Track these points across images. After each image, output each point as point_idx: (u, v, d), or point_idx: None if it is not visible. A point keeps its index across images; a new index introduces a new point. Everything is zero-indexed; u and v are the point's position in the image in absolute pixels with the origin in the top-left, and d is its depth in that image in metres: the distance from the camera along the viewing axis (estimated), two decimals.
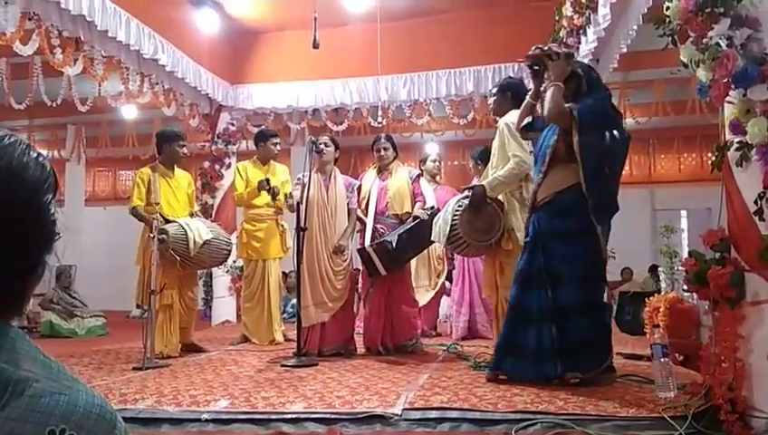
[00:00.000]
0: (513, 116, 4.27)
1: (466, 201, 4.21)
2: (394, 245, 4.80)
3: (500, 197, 4.21)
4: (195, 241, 5.04)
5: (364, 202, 5.31)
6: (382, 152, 5.38)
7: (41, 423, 0.68)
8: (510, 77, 5.30)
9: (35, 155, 0.78)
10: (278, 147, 6.16)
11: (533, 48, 3.79)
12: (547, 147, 3.75)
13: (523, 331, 3.64)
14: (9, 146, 0.76)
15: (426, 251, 5.71)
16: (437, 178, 6.93)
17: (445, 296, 6.92)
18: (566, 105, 3.57)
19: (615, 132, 3.59)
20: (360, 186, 5.36)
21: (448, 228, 4.18)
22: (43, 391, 0.70)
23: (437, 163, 6.88)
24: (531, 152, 4.21)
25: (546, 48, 3.76)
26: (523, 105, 3.94)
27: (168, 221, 5.10)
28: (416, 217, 5.04)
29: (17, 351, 0.74)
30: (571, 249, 3.59)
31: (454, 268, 6.40)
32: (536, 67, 3.86)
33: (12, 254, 0.75)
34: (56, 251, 0.84)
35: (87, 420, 0.71)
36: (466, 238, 4.16)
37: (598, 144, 3.54)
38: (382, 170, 5.42)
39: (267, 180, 5.67)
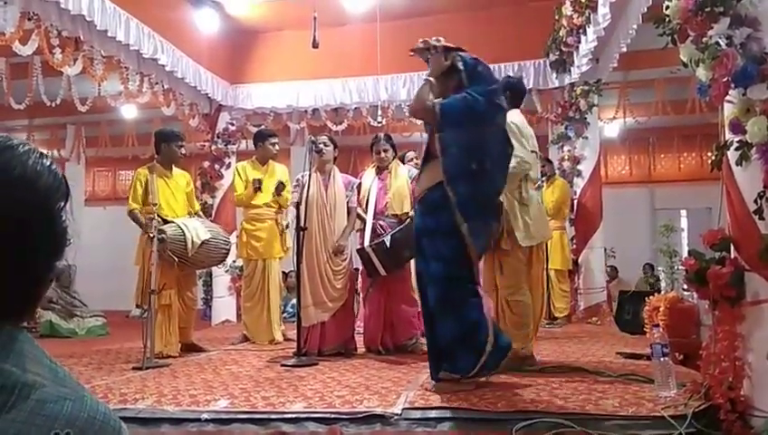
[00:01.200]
0: (513, 115, 4.27)
1: None
2: (388, 245, 4.80)
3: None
4: (193, 241, 5.04)
5: (364, 201, 5.31)
6: (382, 154, 5.37)
7: (45, 426, 0.68)
8: (509, 76, 5.29)
9: (48, 163, 0.80)
10: (276, 147, 6.15)
11: (419, 42, 3.73)
12: (425, 143, 3.71)
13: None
14: (23, 154, 0.77)
15: None
16: None
17: None
18: (430, 101, 3.52)
19: (492, 127, 3.50)
20: (360, 184, 5.36)
21: None
22: (48, 396, 0.71)
23: (414, 162, 6.67)
24: (533, 152, 4.21)
25: (425, 42, 3.68)
26: (421, 88, 3.79)
27: (166, 222, 5.10)
28: (412, 217, 5.02)
29: (25, 354, 0.75)
30: (437, 248, 3.47)
31: None
32: (427, 61, 3.78)
33: (24, 259, 0.76)
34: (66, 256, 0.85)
35: (91, 426, 0.71)
36: None
37: (461, 140, 3.44)
38: (382, 170, 5.42)
39: (259, 181, 5.68)
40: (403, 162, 6.43)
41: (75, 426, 0.70)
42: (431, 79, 3.63)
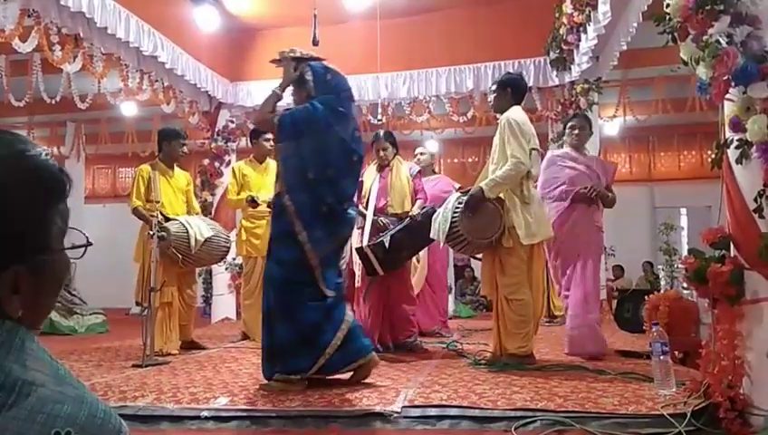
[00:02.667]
0: (514, 112, 4.26)
1: (466, 198, 4.20)
2: (387, 245, 4.79)
3: (501, 194, 4.19)
4: (196, 239, 5.06)
5: (365, 199, 5.30)
6: (381, 153, 5.35)
7: (46, 425, 0.69)
8: (510, 73, 5.28)
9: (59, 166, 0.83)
10: (270, 144, 6.12)
11: (277, 54, 3.92)
12: None
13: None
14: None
15: None
16: (430, 170, 6.85)
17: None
18: (270, 113, 3.66)
19: (333, 135, 3.57)
20: (361, 182, 5.33)
21: (448, 226, 4.16)
22: (49, 395, 0.71)
23: (425, 156, 6.68)
24: (533, 149, 4.20)
25: (280, 53, 3.87)
26: (266, 99, 3.93)
27: (168, 219, 5.11)
28: (411, 217, 5.02)
29: (26, 351, 0.75)
30: (279, 252, 3.59)
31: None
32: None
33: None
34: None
35: (92, 425, 0.71)
36: (467, 236, 4.14)
37: (298, 150, 3.54)
38: (383, 168, 5.40)
39: (253, 199, 5.67)
40: (419, 161, 6.46)
41: (76, 425, 0.70)
42: (277, 90, 3.80)
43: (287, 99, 3.93)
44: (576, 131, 4.92)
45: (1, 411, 0.68)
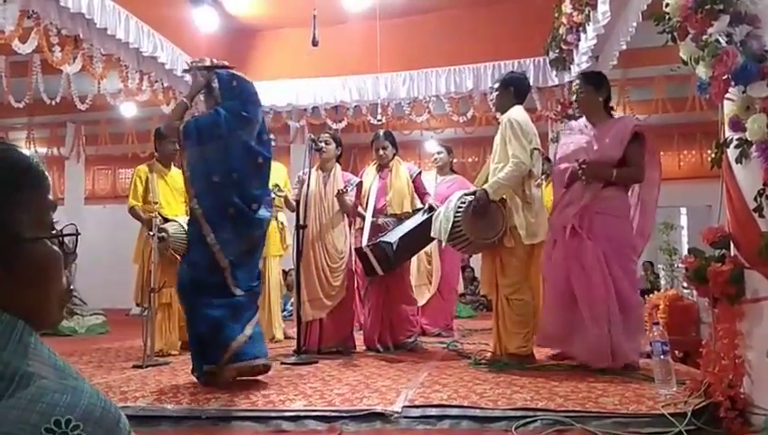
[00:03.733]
0: (516, 112, 4.25)
1: (469, 197, 4.19)
2: (394, 247, 4.77)
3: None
4: None
5: (365, 200, 5.30)
6: (381, 152, 5.36)
7: (46, 413, 0.69)
8: (512, 72, 5.27)
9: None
10: (272, 143, 6.13)
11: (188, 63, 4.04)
12: None
13: None
14: None
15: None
16: (448, 168, 6.77)
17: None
18: (176, 121, 3.78)
19: (236, 140, 3.70)
20: (360, 182, 5.34)
21: (450, 225, 4.16)
22: (48, 385, 0.72)
23: (442, 154, 6.68)
24: (535, 149, 4.20)
25: (188, 64, 3.99)
26: (174, 107, 4.09)
27: (167, 220, 5.11)
28: (422, 221, 4.97)
29: (24, 344, 0.76)
30: (192, 255, 3.77)
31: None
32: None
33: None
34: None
35: (92, 413, 0.72)
36: (469, 236, 4.14)
37: (203, 156, 3.67)
38: (383, 168, 5.41)
39: None
40: (436, 162, 6.44)
41: (76, 413, 0.70)
42: (185, 99, 3.92)
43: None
44: (575, 96, 4.59)
45: (0, 401, 0.69)
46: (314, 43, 6.11)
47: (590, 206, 3.88)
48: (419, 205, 5.29)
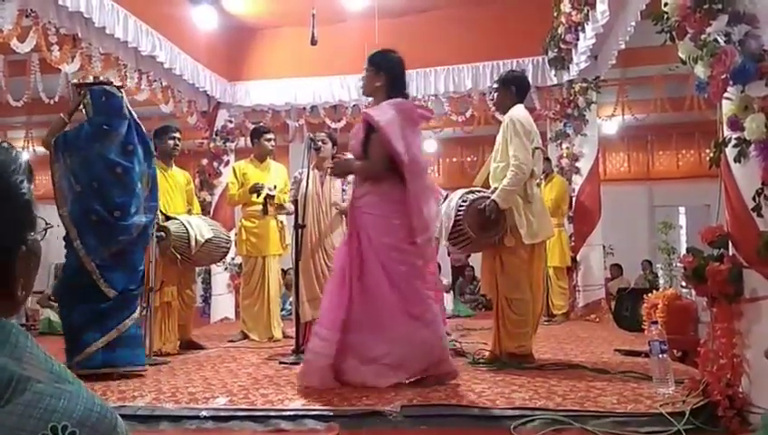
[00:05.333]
0: (517, 111, 4.25)
1: (471, 196, 4.18)
2: None
3: None
4: (196, 240, 5.04)
5: None
6: None
7: (43, 419, 0.69)
8: (512, 70, 5.25)
9: None
10: (272, 143, 6.15)
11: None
12: None
13: None
14: None
15: None
16: None
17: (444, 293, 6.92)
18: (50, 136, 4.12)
19: (95, 151, 3.99)
20: None
21: (451, 224, 4.15)
22: (45, 390, 0.72)
23: None
24: (538, 148, 4.20)
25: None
26: (53, 123, 4.34)
27: (168, 218, 5.10)
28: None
29: (20, 347, 0.75)
30: (66, 259, 4.09)
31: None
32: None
33: None
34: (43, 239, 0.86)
35: (88, 419, 0.71)
36: (470, 235, 4.13)
37: (66, 166, 4.02)
38: None
39: (260, 186, 5.69)
40: None
41: (72, 419, 0.70)
42: (63, 116, 4.24)
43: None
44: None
45: None
46: (313, 42, 6.11)
47: (354, 203, 3.78)
48: None
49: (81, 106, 4.13)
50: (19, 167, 0.81)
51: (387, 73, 3.78)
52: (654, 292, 5.19)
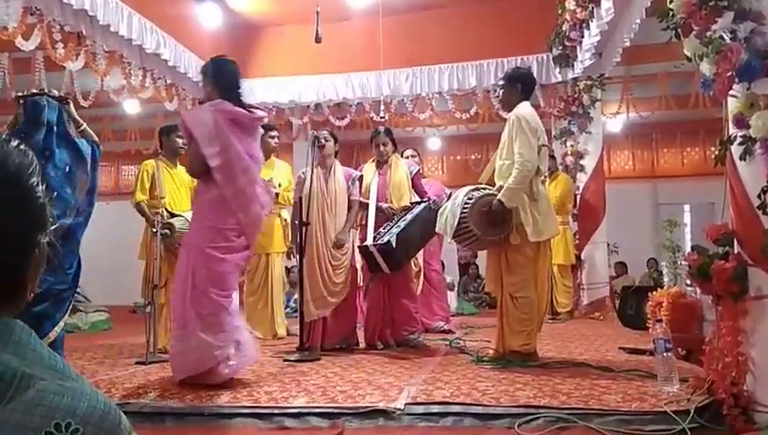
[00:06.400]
0: (523, 108, 4.23)
1: (476, 194, 4.17)
2: (394, 245, 4.78)
3: None
4: None
5: (366, 196, 5.30)
6: (381, 148, 5.38)
7: (46, 416, 0.69)
8: (518, 67, 5.24)
9: (16, 144, 0.82)
10: (276, 140, 6.15)
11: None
12: None
13: None
14: None
15: None
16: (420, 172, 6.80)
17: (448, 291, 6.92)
18: None
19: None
20: (361, 177, 5.33)
21: (456, 221, 4.14)
22: (48, 387, 0.72)
23: (417, 159, 6.54)
24: (544, 146, 4.18)
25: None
26: None
27: (173, 215, 5.11)
28: (431, 200, 5.01)
29: (23, 344, 0.76)
30: None
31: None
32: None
33: (2, 239, 0.77)
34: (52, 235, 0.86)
35: (92, 416, 0.71)
36: (476, 232, 4.12)
37: None
38: (381, 164, 5.43)
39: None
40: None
41: (76, 416, 0.70)
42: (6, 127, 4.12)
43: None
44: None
45: (1, 404, 0.69)
46: (317, 40, 6.10)
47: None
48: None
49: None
50: (35, 169, 0.82)
51: (214, 81, 3.85)
52: (658, 290, 5.17)
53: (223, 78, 3.85)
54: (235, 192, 3.63)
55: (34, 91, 4.15)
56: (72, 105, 4.16)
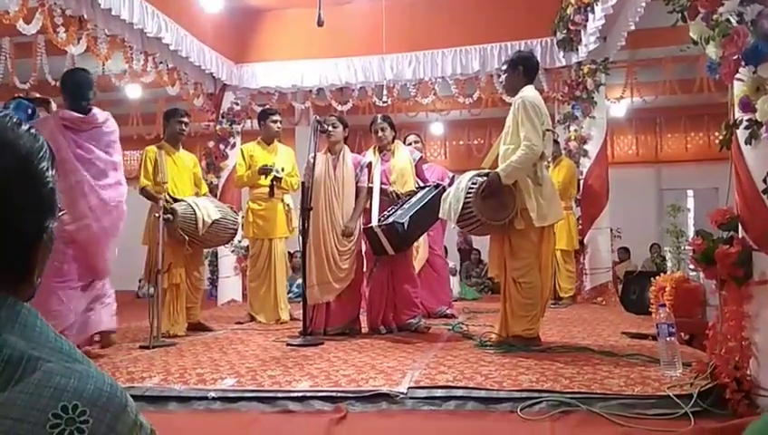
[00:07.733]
0: (528, 92, 4.21)
1: (480, 179, 4.16)
2: (405, 227, 4.77)
3: None
4: (204, 221, 5.06)
5: (369, 182, 5.30)
6: (380, 133, 5.37)
7: (53, 398, 0.69)
8: (520, 51, 5.20)
9: (27, 128, 0.80)
10: (279, 124, 6.14)
11: None
12: None
13: None
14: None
15: None
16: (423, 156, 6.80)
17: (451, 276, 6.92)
18: None
19: None
20: (370, 163, 5.32)
21: (461, 206, 4.13)
22: (55, 369, 0.72)
23: (419, 144, 6.59)
24: (548, 130, 4.16)
25: None
26: None
27: (175, 200, 5.12)
28: (431, 197, 5.00)
29: (29, 327, 0.76)
30: None
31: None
32: None
33: (10, 220, 0.76)
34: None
35: (99, 398, 0.72)
36: (480, 217, 4.11)
37: None
38: (383, 150, 5.42)
39: (269, 168, 5.69)
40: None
41: (83, 398, 0.70)
42: None
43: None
44: None
45: (8, 386, 0.69)
46: (320, 24, 6.05)
47: None
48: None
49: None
50: (45, 153, 0.81)
51: (63, 90, 4.62)
52: (661, 275, 5.17)
53: (68, 87, 4.58)
54: (63, 189, 3.96)
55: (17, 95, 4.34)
56: (53, 105, 4.45)
